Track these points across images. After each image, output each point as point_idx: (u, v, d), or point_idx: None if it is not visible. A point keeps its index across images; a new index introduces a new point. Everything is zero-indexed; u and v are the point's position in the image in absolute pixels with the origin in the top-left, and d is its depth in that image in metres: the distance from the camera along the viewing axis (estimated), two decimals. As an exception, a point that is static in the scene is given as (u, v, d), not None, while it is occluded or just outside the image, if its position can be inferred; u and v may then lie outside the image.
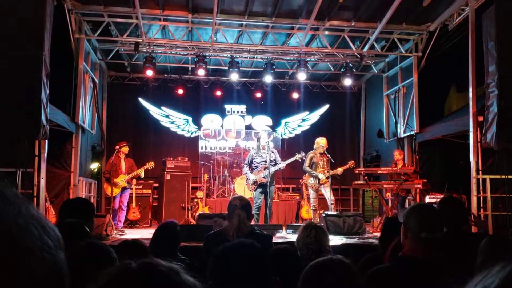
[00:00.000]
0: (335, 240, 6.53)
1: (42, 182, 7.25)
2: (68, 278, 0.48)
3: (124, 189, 9.10)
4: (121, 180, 8.96)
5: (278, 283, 1.67)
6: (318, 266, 1.71)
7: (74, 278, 1.52)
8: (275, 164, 8.35)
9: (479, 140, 7.60)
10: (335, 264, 1.70)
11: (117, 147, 9.09)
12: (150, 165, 9.42)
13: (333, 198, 8.52)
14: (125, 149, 9.19)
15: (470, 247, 2.74)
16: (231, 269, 1.65)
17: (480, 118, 7.65)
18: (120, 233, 8.09)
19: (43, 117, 6.51)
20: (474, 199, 7.69)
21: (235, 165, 11.55)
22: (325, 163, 8.58)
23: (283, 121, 13.62)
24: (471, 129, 7.89)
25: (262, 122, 13.58)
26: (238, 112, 13.57)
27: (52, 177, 8.65)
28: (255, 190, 8.33)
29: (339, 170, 8.62)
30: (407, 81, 10.63)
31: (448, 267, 2.15)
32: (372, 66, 12.20)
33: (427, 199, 8.21)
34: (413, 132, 10.19)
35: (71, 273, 0.53)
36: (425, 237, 2.26)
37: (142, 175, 9.23)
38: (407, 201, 9.20)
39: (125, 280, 0.78)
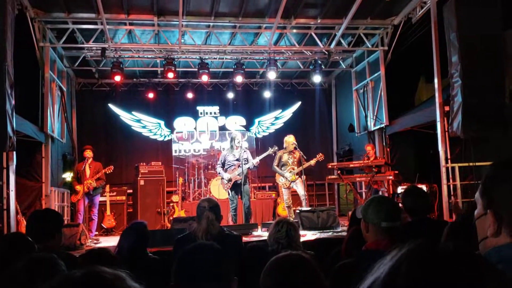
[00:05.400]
0: (309, 235, 6.58)
1: (12, 194, 7.12)
2: None
3: (90, 196, 8.83)
4: (83, 187, 8.74)
5: (235, 283, 1.70)
6: (277, 261, 1.73)
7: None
8: (248, 162, 8.34)
9: (446, 129, 7.76)
10: (293, 259, 1.73)
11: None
12: (109, 169, 8.97)
13: (304, 193, 8.53)
14: (88, 153, 8.96)
15: (437, 234, 2.81)
16: (191, 270, 1.69)
17: (447, 108, 7.79)
18: (95, 241, 7.98)
19: (9, 129, 6.41)
20: (444, 187, 7.86)
21: (210, 167, 11.49)
22: (295, 160, 8.61)
23: (256, 120, 13.66)
24: (438, 119, 8.05)
25: (235, 122, 13.59)
26: (211, 113, 13.54)
27: (23, 188, 8.49)
28: (230, 189, 8.29)
29: (306, 164, 8.55)
30: (375, 75, 10.77)
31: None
32: (341, 62, 12.33)
33: (399, 190, 8.35)
34: (382, 125, 10.33)
35: None
36: (386, 227, 2.30)
37: (94, 184, 8.76)
38: (380, 193, 9.33)
39: None
